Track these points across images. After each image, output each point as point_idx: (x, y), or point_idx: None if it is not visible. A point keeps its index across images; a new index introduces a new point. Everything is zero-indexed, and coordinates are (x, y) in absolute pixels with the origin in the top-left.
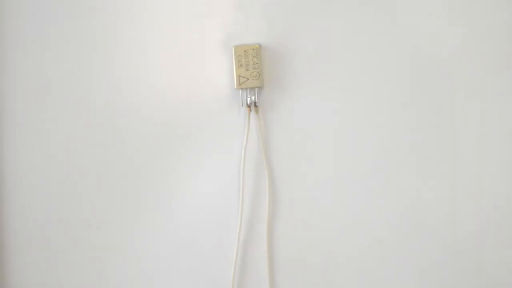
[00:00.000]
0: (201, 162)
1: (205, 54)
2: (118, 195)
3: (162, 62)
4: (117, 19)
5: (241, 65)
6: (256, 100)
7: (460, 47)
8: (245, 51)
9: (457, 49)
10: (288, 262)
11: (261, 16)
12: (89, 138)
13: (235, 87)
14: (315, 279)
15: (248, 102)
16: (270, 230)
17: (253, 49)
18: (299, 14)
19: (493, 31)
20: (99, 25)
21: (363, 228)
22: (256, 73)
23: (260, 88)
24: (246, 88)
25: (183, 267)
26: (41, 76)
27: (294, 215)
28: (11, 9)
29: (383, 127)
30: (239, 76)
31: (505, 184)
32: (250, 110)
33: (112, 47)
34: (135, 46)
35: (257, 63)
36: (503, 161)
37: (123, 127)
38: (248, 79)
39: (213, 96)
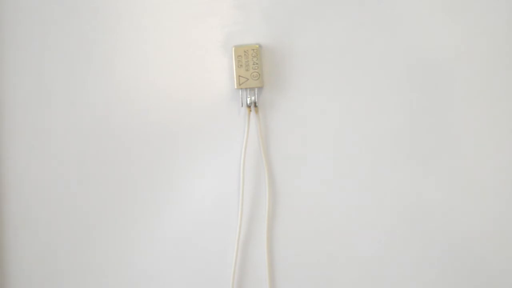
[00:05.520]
0: (201, 162)
1: (205, 54)
2: (118, 196)
3: (162, 62)
4: (117, 19)
5: (241, 65)
6: (256, 100)
7: (460, 47)
8: (245, 51)
9: (457, 49)
10: (288, 262)
11: (261, 16)
12: (88, 138)
13: (235, 87)
14: (315, 280)
15: (248, 102)
16: (270, 230)
17: (253, 49)
18: (299, 14)
19: (493, 31)
20: (99, 25)
21: (363, 228)
22: (256, 73)
23: (260, 88)
24: (246, 88)
25: (183, 267)
26: (41, 76)
27: (294, 215)
28: (10, 9)
29: (383, 127)
30: (239, 76)
31: (505, 184)
32: (250, 110)
33: (112, 47)
34: (135, 46)
35: (257, 63)
36: (503, 161)
37: (123, 127)
38: (248, 79)
39: (213, 96)
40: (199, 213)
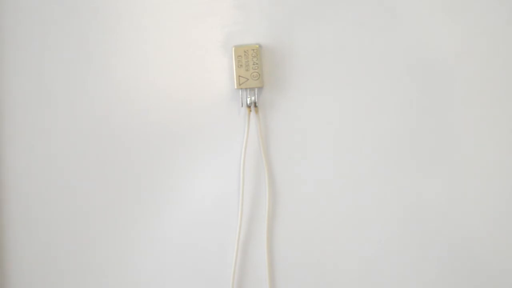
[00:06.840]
0: (201, 162)
1: (205, 54)
2: (118, 196)
3: (162, 62)
4: (117, 19)
5: (241, 65)
6: (256, 100)
7: (460, 47)
8: (245, 51)
9: (457, 49)
10: (288, 262)
11: (261, 16)
12: (88, 139)
13: (235, 87)
14: (315, 280)
15: (248, 102)
16: (270, 230)
17: (253, 49)
18: (299, 14)
19: (493, 31)
20: (99, 25)
21: (363, 228)
22: (256, 73)
23: (260, 88)
24: (246, 88)
25: (183, 267)
26: (41, 76)
27: (294, 215)
28: (10, 9)
29: (384, 127)
30: (239, 76)
31: (505, 184)
32: (250, 110)
33: (112, 47)
34: (135, 46)
35: (257, 63)
36: (502, 161)
37: (123, 127)
38: (248, 79)
39: (213, 96)
40: (199, 213)
